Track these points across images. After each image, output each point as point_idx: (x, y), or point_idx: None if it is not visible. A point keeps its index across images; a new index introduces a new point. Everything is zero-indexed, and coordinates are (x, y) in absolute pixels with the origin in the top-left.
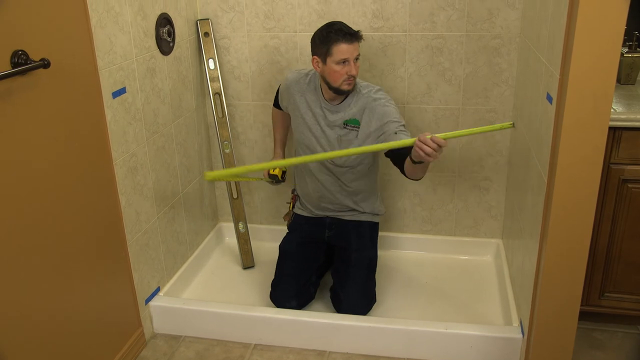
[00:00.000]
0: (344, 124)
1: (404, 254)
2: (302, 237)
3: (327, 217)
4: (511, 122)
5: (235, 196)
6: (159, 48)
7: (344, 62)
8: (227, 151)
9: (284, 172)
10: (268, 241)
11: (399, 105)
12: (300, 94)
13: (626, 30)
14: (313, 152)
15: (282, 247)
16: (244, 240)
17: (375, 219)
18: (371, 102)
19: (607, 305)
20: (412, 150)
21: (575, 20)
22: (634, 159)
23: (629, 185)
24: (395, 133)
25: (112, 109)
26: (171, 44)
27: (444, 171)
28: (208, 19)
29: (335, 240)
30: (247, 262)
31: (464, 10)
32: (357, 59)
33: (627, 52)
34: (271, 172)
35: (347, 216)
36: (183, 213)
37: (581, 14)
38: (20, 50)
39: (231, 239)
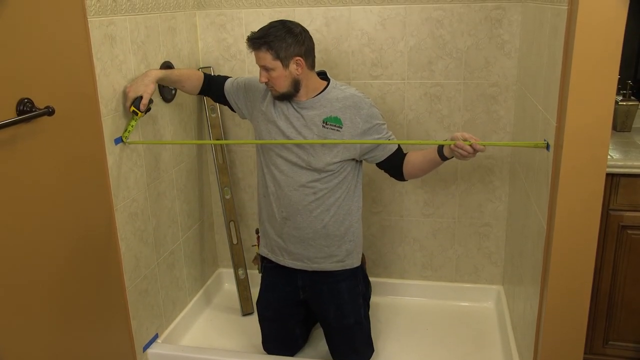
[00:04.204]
0: (324, 123)
1: (404, 300)
2: (277, 300)
3: (295, 270)
4: (545, 142)
5: (235, 242)
6: (161, 95)
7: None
8: (227, 197)
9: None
10: None
11: None
12: (270, 100)
13: (619, 79)
14: (289, 162)
15: (260, 311)
16: (243, 286)
17: (351, 264)
18: (355, 99)
19: (612, 354)
20: (447, 148)
21: (570, 70)
22: (632, 205)
23: (629, 232)
24: (388, 139)
25: (114, 155)
26: (173, 92)
27: (443, 217)
28: (210, 67)
29: (312, 306)
30: (247, 308)
31: (461, 59)
32: (266, 69)
33: (621, 101)
34: (130, 109)
35: (315, 263)
36: (183, 259)
37: (575, 64)
38: (26, 99)
39: (231, 285)
